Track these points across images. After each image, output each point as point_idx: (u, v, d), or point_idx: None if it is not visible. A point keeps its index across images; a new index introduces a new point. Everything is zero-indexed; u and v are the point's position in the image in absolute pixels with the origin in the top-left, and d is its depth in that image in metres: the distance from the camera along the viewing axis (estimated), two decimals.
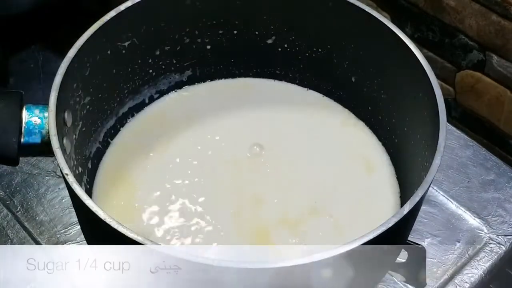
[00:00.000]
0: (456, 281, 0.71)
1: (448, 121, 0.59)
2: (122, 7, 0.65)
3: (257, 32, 0.74)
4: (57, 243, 0.73)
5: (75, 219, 0.73)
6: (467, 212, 0.76)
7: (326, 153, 0.72)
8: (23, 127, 0.58)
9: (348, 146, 0.73)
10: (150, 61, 0.72)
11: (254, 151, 0.71)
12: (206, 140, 0.72)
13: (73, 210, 0.70)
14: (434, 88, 0.60)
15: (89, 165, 0.68)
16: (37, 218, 0.75)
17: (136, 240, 0.49)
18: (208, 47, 0.74)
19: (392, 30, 0.64)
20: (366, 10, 0.66)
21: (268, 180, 0.69)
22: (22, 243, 0.73)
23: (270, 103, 0.77)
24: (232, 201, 0.67)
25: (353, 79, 0.73)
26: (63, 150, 0.56)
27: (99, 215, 0.50)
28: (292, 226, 0.66)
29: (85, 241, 0.66)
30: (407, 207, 0.52)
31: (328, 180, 0.70)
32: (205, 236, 0.65)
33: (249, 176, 0.70)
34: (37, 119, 0.58)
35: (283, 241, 0.64)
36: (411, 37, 0.89)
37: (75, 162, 0.62)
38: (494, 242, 0.74)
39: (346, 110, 0.76)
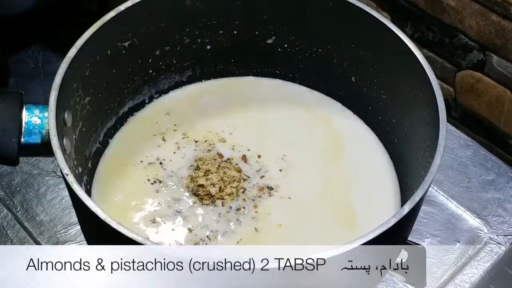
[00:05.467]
0: (456, 281, 0.71)
1: (448, 121, 0.59)
2: (122, 7, 0.65)
3: (257, 32, 0.74)
4: (57, 243, 0.73)
5: (75, 219, 0.73)
6: (467, 212, 0.76)
7: (326, 153, 0.72)
8: (23, 127, 0.58)
9: (348, 146, 0.73)
10: (150, 61, 0.72)
11: (254, 150, 0.71)
12: (206, 140, 0.72)
13: (73, 210, 0.70)
14: (434, 88, 0.60)
15: (89, 165, 0.68)
16: (37, 218, 0.75)
17: (136, 240, 0.49)
18: (208, 47, 0.74)
19: (392, 30, 0.64)
20: (366, 10, 0.66)
21: (268, 180, 0.69)
22: (22, 243, 0.73)
23: (270, 102, 0.77)
24: (232, 201, 0.67)
25: (353, 79, 0.73)
26: (63, 150, 0.56)
27: (99, 215, 0.50)
28: (293, 225, 0.66)
29: (85, 241, 0.66)
30: (407, 207, 0.52)
31: (328, 180, 0.70)
32: (204, 236, 0.65)
33: (250, 176, 0.69)
34: (37, 119, 0.58)
35: (283, 240, 0.64)
36: (411, 37, 0.89)
37: (75, 162, 0.62)
38: (494, 242, 0.74)
39: (346, 110, 0.76)
